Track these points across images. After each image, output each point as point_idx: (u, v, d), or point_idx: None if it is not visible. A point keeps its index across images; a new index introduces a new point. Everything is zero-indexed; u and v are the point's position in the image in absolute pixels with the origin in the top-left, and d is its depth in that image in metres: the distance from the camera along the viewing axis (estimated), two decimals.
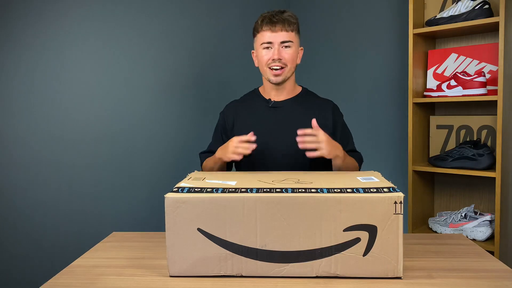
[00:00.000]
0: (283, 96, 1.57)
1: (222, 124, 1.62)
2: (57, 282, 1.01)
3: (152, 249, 1.23)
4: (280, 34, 1.47)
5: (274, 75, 1.50)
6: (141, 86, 2.09)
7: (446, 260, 1.13)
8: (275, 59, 1.47)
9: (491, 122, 2.00)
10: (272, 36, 1.47)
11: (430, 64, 2.16)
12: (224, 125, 1.61)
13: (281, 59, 1.47)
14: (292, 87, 1.58)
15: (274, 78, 1.50)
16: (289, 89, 1.57)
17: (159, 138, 2.15)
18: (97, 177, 1.96)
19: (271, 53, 1.48)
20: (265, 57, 1.49)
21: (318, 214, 0.97)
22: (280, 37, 1.47)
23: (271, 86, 1.56)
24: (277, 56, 1.47)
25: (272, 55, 1.47)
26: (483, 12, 1.88)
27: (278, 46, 1.47)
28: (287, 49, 1.48)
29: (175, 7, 2.19)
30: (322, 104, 1.59)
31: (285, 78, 1.51)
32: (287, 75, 1.51)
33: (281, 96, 1.57)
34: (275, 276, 1.00)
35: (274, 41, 1.47)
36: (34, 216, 1.81)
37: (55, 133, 1.85)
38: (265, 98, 1.58)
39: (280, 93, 1.56)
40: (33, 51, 1.79)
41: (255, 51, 1.56)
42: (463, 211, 1.95)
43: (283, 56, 1.48)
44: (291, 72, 1.52)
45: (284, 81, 1.52)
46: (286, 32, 1.47)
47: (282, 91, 1.56)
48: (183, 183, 1.09)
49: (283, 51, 1.48)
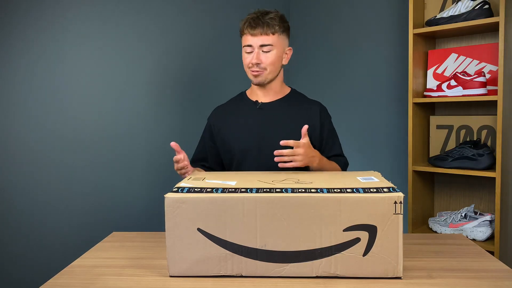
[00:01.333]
0: (270, 97, 1.57)
1: (209, 130, 1.63)
2: (57, 282, 1.01)
3: (152, 249, 1.23)
4: (259, 38, 1.46)
5: (253, 76, 1.51)
6: (141, 86, 2.09)
7: (446, 260, 1.13)
8: (253, 63, 1.48)
9: (491, 122, 2.00)
10: (251, 39, 1.47)
11: (430, 64, 2.16)
12: (211, 131, 1.62)
13: (259, 63, 1.48)
14: (279, 88, 1.58)
15: (254, 79, 1.51)
16: (276, 90, 1.57)
17: (159, 138, 2.15)
18: (97, 177, 1.96)
19: (251, 56, 1.48)
20: (246, 60, 1.50)
21: (318, 214, 0.97)
22: (259, 40, 1.46)
23: (257, 87, 1.57)
24: (255, 61, 1.47)
25: (251, 59, 1.48)
26: (483, 12, 1.88)
27: (258, 50, 1.47)
28: (267, 53, 1.48)
29: (172, 9, 2.19)
30: (310, 105, 1.58)
31: (265, 80, 1.51)
32: (268, 77, 1.51)
33: (268, 97, 1.57)
34: (275, 276, 1.00)
35: (253, 44, 1.47)
36: (34, 216, 1.81)
37: (54, 133, 1.85)
38: (252, 100, 1.58)
39: (267, 94, 1.57)
40: (33, 51, 1.79)
41: None
42: (463, 211, 1.95)
43: (261, 60, 1.47)
44: (272, 74, 1.51)
45: (265, 83, 1.52)
46: (266, 36, 1.46)
47: (269, 92, 1.56)
48: (183, 183, 1.09)
49: (262, 55, 1.47)
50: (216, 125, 1.61)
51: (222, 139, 1.58)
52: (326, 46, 2.68)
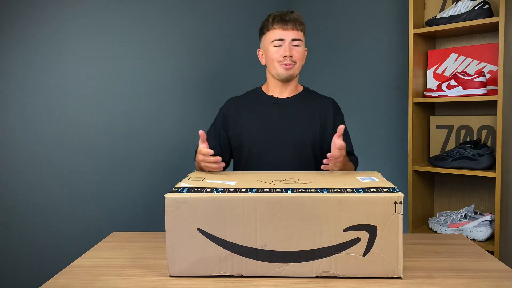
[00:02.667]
0: (285, 93, 1.60)
1: (221, 120, 1.62)
2: (57, 282, 1.01)
3: (152, 249, 1.23)
4: (291, 32, 1.51)
5: (285, 69, 1.52)
6: (141, 87, 2.09)
7: (446, 260, 1.13)
8: (286, 55, 1.50)
9: (491, 122, 2.00)
10: (283, 33, 1.51)
11: (430, 64, 2.16)
12: (224, 120, 1.61)
13: (291, 56, 1.51)
14: (295, 85, 1.61)
15: (285, 72, 1.53)
16: (292, 87, 1.60)
17: (159, 138, 2.15)
18: (97, 177, 1.96)
19: (282, 50, 1.51)
20: (275, 54, 1.52)
21: (318, 214, 0.97)
22: (291, 35, 1.51)
23: (275, 84, 1.58)
24: (288, 53, 1.50)
25: (283, 52, 1.50)
26: (483, 12, 1.88)
27: (289, 44, 1.51)
28: (297, 48, 1.52)
29: (178, 8, 2.19)
30: (323, 101, 1.61)
31: (293, 74, 1.55)
32: (296, 72, 1.55)
33: (284, 94, 1.60)
34: (275, 276, 1.00)
35: (285, 38, 1.51)
36: (34, 216, 1.81)
37: (54, 133, 1.85)
38: (268, 95, 1.60)
39: (283, 91, 1.59)
40: (33, 51, 1.79)
41: (263, 49, 1.59)
42: (463, 211, 1.95)
43: (293, 53, 1.51)
44: (299, 70, 1.56)
45: (291, 78, 1.56)
46: (296, 31, 1.52)
47: (286, 89, 1.59)
48: (183, 183, 1.09)
49: (293, 49, 1.52)
50: (230, 116, 1.61)
51: (235, 129, 1.58)
52: (326, 46, 2.68)
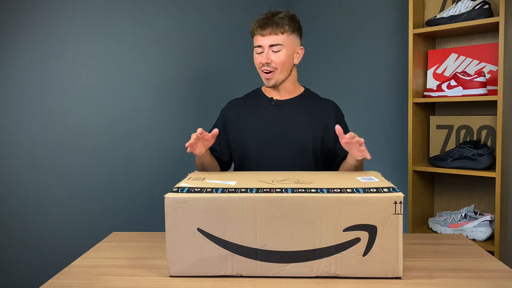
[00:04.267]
0: (285, 95, 1.58)
1: (222, 122, 1.62)
2: (57, 282, 1.01)
3: (152, 249, 1.23)
4: (269, 38, 1.47)
5: (265, 78, 1.52)
6: (141, 87, 2.09)
7: (446, 260, 1.13)
8: (263, 63, 1.49)
9: (491, 122, 2.00)
10: (261, 40, 1.48)
11: (430, 64, 2.16)
12: (224, 123, 1.61)
13: (269, 63, 1.48)
14: (293, 87, 1.58)
15: (266, 81, 1.53)
16: (289, 89, 1.58)
17: (159, 138, 2.15)
18: (97, 177, 1.96)
19: (261, 56, 1.49)
20: (257, 60, 1.51)
21: (318, 214, 0.97)
22: (268, 40, 1.47)
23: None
24: (265, 60, 1.48)
25: (261, 59, 1.49)
26: (483, 12, 1.88)
27: (268, 50, 1.48)
28: (277, 53, 1.48)
29: (177, 8, 2.19)
30: (324, 104, 1.60)
31: (277, 81, 1.52)
32: (279, 78, 1.52)
33: (283, 96, 1.58)
34: (275, 276, 1.00)
35: (263, 44, 1.48)
36: (34, 216, 1.81)
37: (54, 134, 1.85)
38: (268, 97, 1.59)
39: (282, 93, 1.58)
40: (33, 51, 1.79)
41: None
42: (463, 211, 1.95)
43: (271, 59, 1.48)
44: (283, 75, 1.52)
45: (277, 84, 1.53)
46: (275, 36, 1.47)
47: (283, 91, 1.57)
48: (183, 183, 1.09)
49: (272, 54, 1.48)
50: (230, 118, 1.60)
51: (235, 132, 1.57)
52: (325, 46, 2.68)
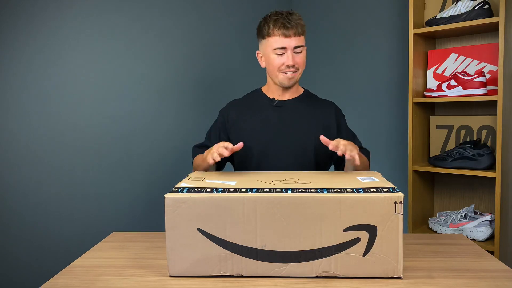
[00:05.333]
0: (287, 96, 1.58)
1: (222, 122, 1.61)
2: (57, 282, 1.01)
3: (152, 249, 1.23)
4: (293, 39, 1.45)
5: (288, 78, 1.50)
6: (141, 87, 2.09)
7: (446, 260, 1.13)
8: (289, 65, 1.46)
9: (491, 122, 2.00)
10: (285, 41, 1.45)
11: (430, 64, 2.16)
12: (224, 123, 1.60)
13: (294, 65, 1.47)
14: (296, 88, 1.59)
15: (288, 81, 1.51)
16: (293, 90, 1.58)
17: (159, 138, 2.15)
18: (97, 177, 1.96)
19: (284, 58, 1.46)
20: (277, 62, 1.48)
21: (318, 214, 0.97)
22: (293, 42, 1.45)
23: (276, 87, 1.56)
24: (291, 62, 1.46)
25: (286, 61, 1.46)
26: (483, 12, 1.88)
27: (291, 52, 1.46)
28: (300, 54, 1.48)
29: (177, 8, 2.19)
30: (324, 105, 1.60)
31: (296, 82, 1.53)
32: (298, 78, 1.53)
33: (285, 96, 1.58)
34: (275, 276, 1.00)
35: (287, 46, 1.45)
36: (34, 216, 1.81)
37: (54, 134, 1.85)
38: (269, 97, 1.58)
39: (285, 94, 1.57)
40: (33, 52, 1.79)
41: (262, 53, 1.54)
42: (463, 211, 1.95)
43: (296, 61, 1.47)
44: (301, 75, 1.54)
45: (294, 85, 1.54)
46: (298, 37, 1.46)
47: (287, 92, 1.57)
48: (183, 183, 1.09)
49: (296, 56, 1.47)
50: (230, 119, 1.59)
51: (235, 133, 1.56)
52: (326, 46, 2.68)
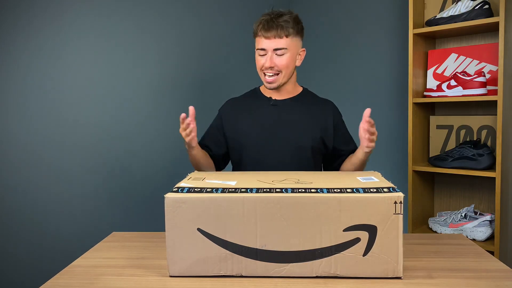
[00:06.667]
0: (283, 95, 1.58)
1: (219, 121, 1.61)
2: (57, 282, 1.01)
3: (152, 249, 1.23)
4: (274, 41, 1.44)
5: (267, 82, 1.50)
6: (141, 87, 2.09)
7: (446, 260, 1.13)
8: (266, 66, 1.46)
9: (491, 122, 2.00)
10: (266, 42, 1.45)
11: (430, 64, 2.16)
12: (221, 122, 1.60)
13: (273, 67, 1.46)
14: (292, 87, 1.58)
15: (268, 85, 1.51)
16: (289, 90, 1.57)
17: (159, 138, 2.15)
18: (97, 177, 1.96)
19: (264, 59, 1.47)
20: (259, 63, 1.49)
21: (318, 214, 0.97)
22: (273, 44, 1.44)
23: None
24: (269, 64, 1.45)
25: (264, 62, 1.46)
26: (483, 12, 1.88)
27: (271, 54, 1.45)
28: (281, 56, 1.46)
29: (175, 8, 2.19)
30: (322, 104, 1.60)
31: (279, 84, 1.51)
32: (282, 81, 1.50)
33: (282, 96, 1.58)
34: (275, 276, 1.00)
35: (267, 48, 1.45)
36: (34, 216, 1.81)
37: (54, 134, 1.85)
38: (266, 97, 1.58)
39: (281, 93, 1.57)
40: (33, 52, 1.79)
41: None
42: (463, 211, 1.95)
43: (276, 63, 1.46)
44: (286, 77, 1.51)
45: (279, 86, 1.52)
46: (279, 39, 1.44)
47: (283, 91, 1.57)
48: (183, 183, 1.09)
49: (277, 58, 1.46)
50: (228, 117, 1.59)
51: (232, 131, 1.57)
52: (325, 46, 2.68)
